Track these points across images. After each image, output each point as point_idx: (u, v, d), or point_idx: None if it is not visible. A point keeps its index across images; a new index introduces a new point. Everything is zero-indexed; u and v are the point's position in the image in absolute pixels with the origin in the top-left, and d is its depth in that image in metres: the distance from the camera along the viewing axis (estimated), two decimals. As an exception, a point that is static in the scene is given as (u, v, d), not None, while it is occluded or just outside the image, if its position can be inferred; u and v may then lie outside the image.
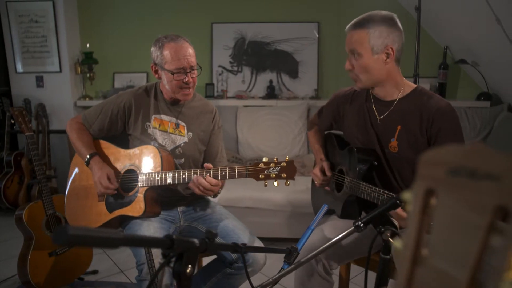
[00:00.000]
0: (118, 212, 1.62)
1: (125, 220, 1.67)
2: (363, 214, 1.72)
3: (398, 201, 0.82)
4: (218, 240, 1.64)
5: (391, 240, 0.80)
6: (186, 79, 1.58)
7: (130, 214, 1.60)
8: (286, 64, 3.55)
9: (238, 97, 3.51)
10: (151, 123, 1.70)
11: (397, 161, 1.50)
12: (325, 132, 1.87)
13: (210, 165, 1.55)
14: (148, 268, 1.32)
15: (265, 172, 1.41)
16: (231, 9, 3.51)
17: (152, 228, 1.56)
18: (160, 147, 1.67)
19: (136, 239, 0.59)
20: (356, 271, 2.10)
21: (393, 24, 1.38)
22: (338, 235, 1.54)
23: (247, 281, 1.65)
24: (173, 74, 1.57)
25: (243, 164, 3.15)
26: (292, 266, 1.00)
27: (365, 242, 1.57)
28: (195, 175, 1.51)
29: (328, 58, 3.53)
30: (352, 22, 1.43)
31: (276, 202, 2.71)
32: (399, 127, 1.46)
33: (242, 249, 0.82)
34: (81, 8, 3.54)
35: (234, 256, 1.58)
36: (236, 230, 1.66)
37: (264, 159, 1.44)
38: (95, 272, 2.41)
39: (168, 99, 1.72)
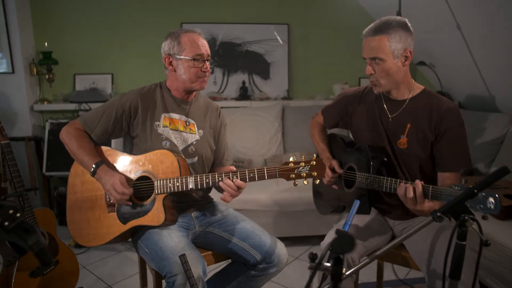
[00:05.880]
0: (134, 223, 1.52)
1: (138, 230, 1.57)
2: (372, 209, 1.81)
3: (475, 190, 0.88)
4: (238, 242, 1.61)
5: (474, 228, 0.86)
6: (205, 66, 1.59)
7: (148, 224, 1.51)
8: (258, 65, 3.57)
9: (211, 98, 3.44)
10: (161, 122, 1.63)
11: (406, 157, 1.59)
12: (329, 133, 1.92)
13: (233, 168, 1.52)
14: (187, 278, 1.25)
15: (295, 171, 1.42)
16: (201, 9, 3.44)
17: (175, 237, 1.48)
18: (172, 148, 1.60)
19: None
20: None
21: (408, 28, 1.48)
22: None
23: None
24: (193, 60, 1.56)
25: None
26: (363, 263, 1.02)
27: (375, 236, 1.64)
28: (220, 178, 1.47)
29: (298, 59, 3.62)
30: (371, 28, 1.48)
31: (261, 203, 2.72)
32: (408, 125, 1.56)
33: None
34: (34, 2, 3.21)
35: (258, 257, 1.56)
36: (256, 231, 1.65)
37: (291, 159, 1.45)
38: (80, 289, 2.22)
39: (178, 96, 1.67)
